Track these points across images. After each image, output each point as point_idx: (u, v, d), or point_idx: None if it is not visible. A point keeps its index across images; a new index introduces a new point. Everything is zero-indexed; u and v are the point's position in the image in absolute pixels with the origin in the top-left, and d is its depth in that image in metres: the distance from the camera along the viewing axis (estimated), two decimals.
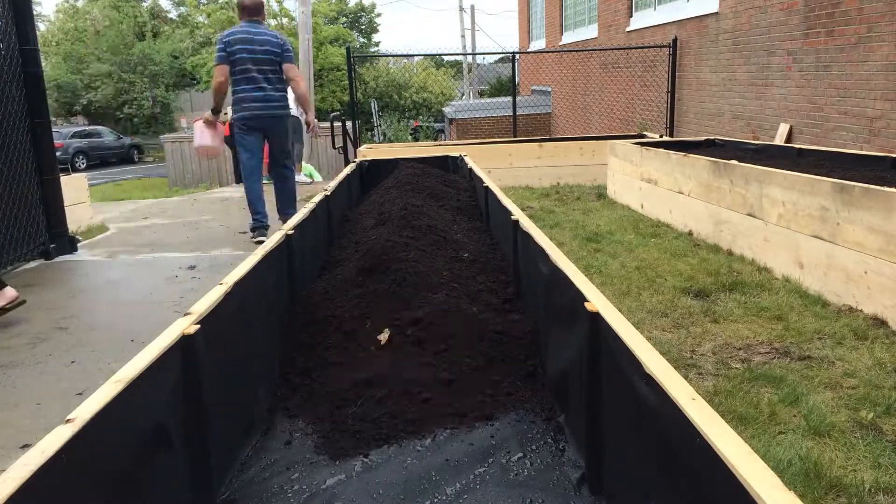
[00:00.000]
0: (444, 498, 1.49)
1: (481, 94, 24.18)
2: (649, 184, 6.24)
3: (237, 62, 5.51)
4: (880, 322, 3.32)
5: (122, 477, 1.12)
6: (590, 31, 12.81)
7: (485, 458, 1.63)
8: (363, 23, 38.22)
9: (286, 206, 5.89)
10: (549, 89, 15.05)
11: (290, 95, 6.31)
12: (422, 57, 27.71)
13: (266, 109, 5.62)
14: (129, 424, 1.16)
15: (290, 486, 1.54)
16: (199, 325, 1.43)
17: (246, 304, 1.78)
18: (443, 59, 34.36)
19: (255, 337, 1.85)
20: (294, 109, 7.40)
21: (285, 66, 5.71)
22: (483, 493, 1.50)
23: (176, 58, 31.11)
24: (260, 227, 5.72)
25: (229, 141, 8.15)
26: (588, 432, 1.49)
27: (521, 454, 1.65)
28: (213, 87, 5.72)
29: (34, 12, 5.47)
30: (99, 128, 28.63)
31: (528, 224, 2.42)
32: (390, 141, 17.05)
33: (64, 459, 0.97)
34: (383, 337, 1.95)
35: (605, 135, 9.67)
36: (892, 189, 3.32)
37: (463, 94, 24.89)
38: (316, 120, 6.45)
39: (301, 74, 6.16)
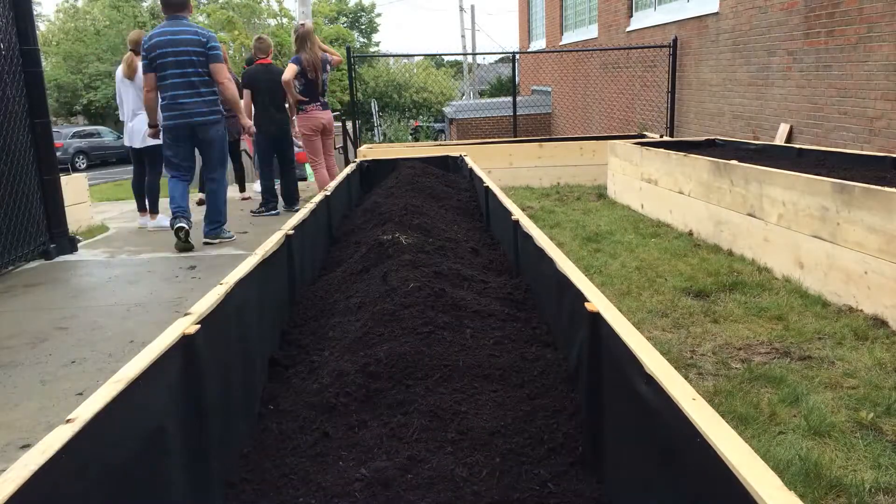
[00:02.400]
0: None
1: (481, 94, 24.19)
2: (649, 184, 6.24)
3: (159, 68, 5.21)
4: (880, 322, 3.32)
5: (122, 477, 1.12)
6: (590, 32, 12.81)
7: None
8: (363, 23, 38.24)
9: (209, 222, 5.71)
10: (550, 89, 15.04)
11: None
12: (422, 57, 27.71)
13: (185, 117, 5.32)
14: (129, 424, 1.16)
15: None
16: (199, 325, 1.43)
17: (246, 303, 1.78)
18: (443, 60, 34.36)
19: (255, 337, 1.85)
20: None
21: (211, 67, 5.31)
22: None
23: None
24: (177, 216, 5.42)
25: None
26: (588, 432, 1.49)
27: None
28: (143, 101, 5.58)
29: (34, 12, 5.47)
30: (99, 128, 28.63)
31: (528, 224, 2.43)
32: (390, 141, 17.05)
33: (64, 459, 0.97)
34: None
35: (606, 135, 9.67)
36: (893, 189, 3.32)
37: (463, 95, 24.89)
38: (251, 123, 6.15)
39: (228, 77, 5.57)
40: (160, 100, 5.37)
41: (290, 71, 6.46)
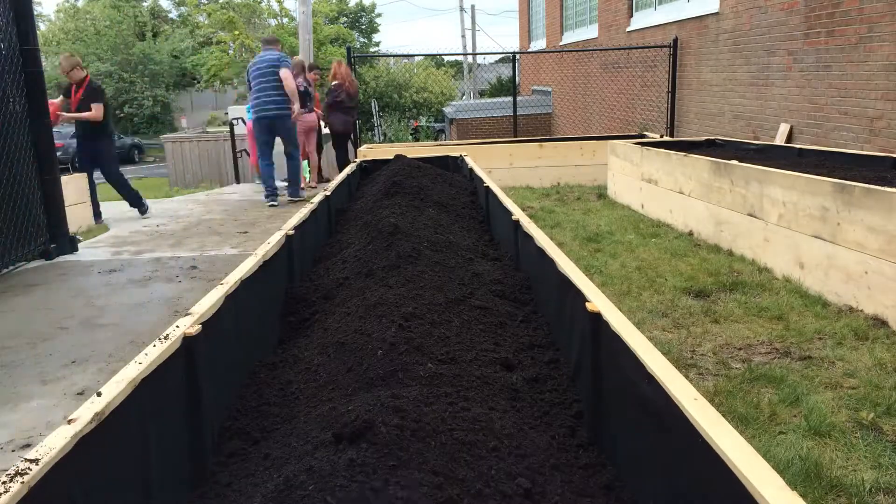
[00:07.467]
0: None
1: (482, 94, 24.17)
2: (650, 184, 6.24)
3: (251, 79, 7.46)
4: (881, 322, 3.32)
5: (123, 477, 1.12)
6: (590, 32, 12.80)
7: None
8: (363, 23, 38.24)
9: (290, 180, 7.94)
10: (550, 89, 15.04)
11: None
12: (422, 57, 27.73)
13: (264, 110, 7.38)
14: (130, 424, 1.16)
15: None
16: (200, 326, 1.43)
17: (246, 303, 1.78)
18: (443, 60, 34.36)
19: (254, 336, 1.86)
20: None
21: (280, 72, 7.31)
22: None
23: (176, 57, 31.08)
24: (270, 195, 7.70)
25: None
26: (589, 433, 1.49)
27: None
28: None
29: (34, 12, 5.47)
30: None
31: (528, 224, 2.43)
32: (391, 141, 17.06)
33: (66, 459, 0.97)
34: None
35: (606, 135, 9.66)
36: (893, 189, 3.32)
37: (463, 95, 24.88)
38: (298, 107, 7.67)
39: (289, 76, 7.41)
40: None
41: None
